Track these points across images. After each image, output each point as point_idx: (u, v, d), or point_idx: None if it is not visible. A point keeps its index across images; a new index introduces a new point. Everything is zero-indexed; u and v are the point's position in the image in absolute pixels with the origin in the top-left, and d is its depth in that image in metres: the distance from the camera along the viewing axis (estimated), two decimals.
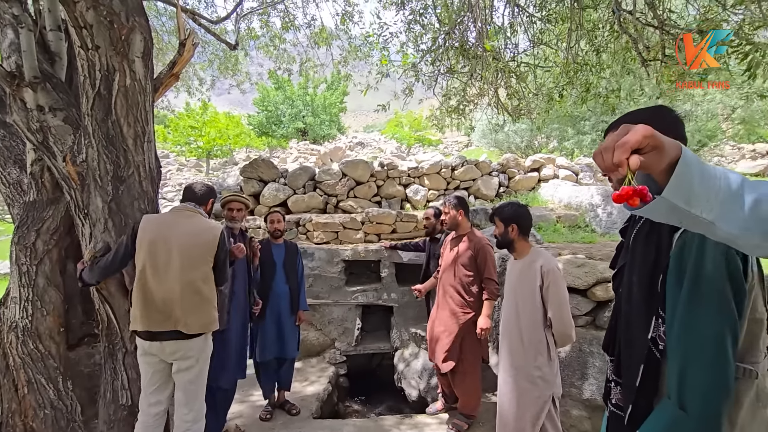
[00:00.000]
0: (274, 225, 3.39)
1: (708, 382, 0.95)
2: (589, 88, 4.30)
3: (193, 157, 23.51)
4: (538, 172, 8.15)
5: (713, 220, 0.67)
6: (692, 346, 0.98)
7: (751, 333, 1.02)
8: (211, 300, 2.23)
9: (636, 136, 0.62)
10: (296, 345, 3.43)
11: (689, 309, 1.00)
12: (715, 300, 0.97)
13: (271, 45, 6.46)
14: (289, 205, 6.88)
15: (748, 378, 1.01)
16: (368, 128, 45.30)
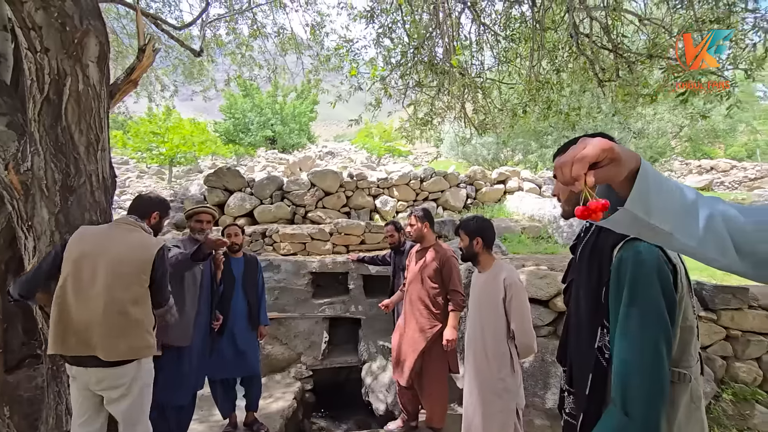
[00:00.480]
0: (232, 239, 3.26)
1: (647, 388, 1.01)
2: (551, 105, 4.49)
3: (155, 164, 22.57)
4: (504, 185, 8.39)
5: (671, 231, 0.69)
6: (631, 353, 1.04)
7: (683, 340, 1.10)
8: (141, 323, 1.99)
9: (593, 149, 0.63)
10: (256, 361, 3.31)
11: (627, 317, 1.06)
12: (650, 310, 1.03)
13: (239, 52, 6.34)
14: (256, 216, 6.73)
15: (682, 382, 1.09)
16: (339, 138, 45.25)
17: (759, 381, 2.99)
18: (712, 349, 3.03)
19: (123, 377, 1.97)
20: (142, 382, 2.04)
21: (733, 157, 24.98)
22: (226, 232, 3.30)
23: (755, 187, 18.10)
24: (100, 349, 1.91)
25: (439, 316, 3.00)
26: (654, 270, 1.05)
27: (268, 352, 4.40)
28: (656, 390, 1.01)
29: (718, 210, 0.71)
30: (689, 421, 1.09)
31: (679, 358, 1.10)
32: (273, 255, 5.56)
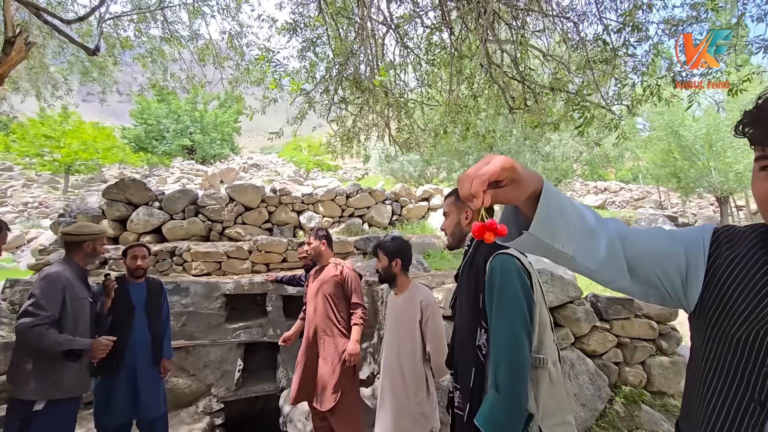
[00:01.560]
0: (137, 262, 2.85)
1: (512, 368, 1.25)
2: (469, 128, 4.73)
3: (47, 171, 19.82)
4: (427, 202, 8.65)
5: (573, 255, 0.70)
6: (500, 342, 1.30)
7: (541, 332, 1.36)
8: None
9: (494, 167, 0.62)
10: (162, 401, 2.92)
11: (497, 316, 1.32)
12: (513, 307, 1.31)
13: (149, 57, 5.81)
14: (165, 232, 6.12)
15: (542, 366, 1.34)
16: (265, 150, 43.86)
17: (644, 383, 3.33)
18: (607, 356, 3.31)
19: None
20: None
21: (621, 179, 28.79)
22: (130, 253, 2.87)
23: (638, 206, 20.95)
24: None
25: (347, 332, 2.94)
26: (515, 276, 1.34)
27: (173, 385, 3.94)
28: (519, 369, 1.26)
29: (616, 232, 0.74)
30: (550, 397, 1.33)
31: (539, 348, 1.35)
32: (183, 276, 5.06)
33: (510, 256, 1.39)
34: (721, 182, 13.82)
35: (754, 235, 0.71)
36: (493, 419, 1.24)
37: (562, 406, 1.37)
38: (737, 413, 0.64)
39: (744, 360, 0.63)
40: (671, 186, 17.39)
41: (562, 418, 1.35)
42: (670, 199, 22.30)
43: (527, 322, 1.31)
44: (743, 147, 12.88)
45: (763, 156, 0.64)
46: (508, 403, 1.24)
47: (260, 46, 4.96)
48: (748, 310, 0.65)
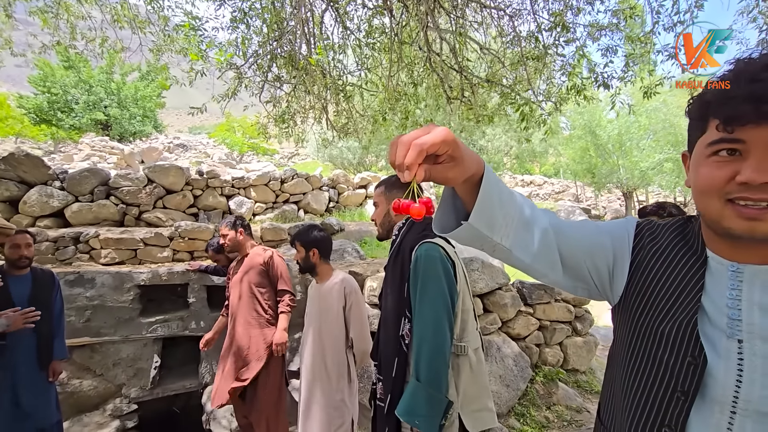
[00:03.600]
0: (21, 251, 2.47)
1: (433, 355, 1.26)
2: (408, 116, 4.70)
3: None
4: (365, 189, 8.58)
5: (510, 247, 0.66)
6: (422, 330, 1.30)
7: (463, 320, 1.38)
8: None
9: (434, 137, 0.52)
10: (53, 408, 2.55)
11: (420, 303, 1.32)
12: (436, 294, 1.31)
13: (50, 12, 4.97)
14: (68, 216, 5.41)
15: (463, 354, 1.35)
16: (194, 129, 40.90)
17: (561, 362, 3.59)
18: (529, 339, 3.52)
19: None
20: None
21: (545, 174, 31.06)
22: (11, 242, 2.45)
23: (559, 198, 22.78)
24: None
25: (275, 322, 2.81)
26: (439, 263, 1.33)
27: (75, 388, 3.50)
28: (440, 357, 1.26)
29: (550, 224, 0.71)
30: (472, 384, 1.36)
31: (462, 335, 1.37)
32: (89, 265, 4.50)
33: (434, 244, 1.39)
34: (627, 179, 15.43)
35: (674, 228, 0.73)
36: (414, 408, 1.24)
37: (483, 393, 1.39)
38: (662, 403, 0.64)
39: (668, 352, 0.64)
40: (586, 181, 19.11)
41: (483, 404, 1.38)
42: (585, 193, 24.52)
43: (449, 311, 1.32)
44: (647, 148, 14.49)
45: (723, 139, 0.59)
46: (428, 392, 1.24)
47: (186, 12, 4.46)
48: (671, 302, 0.65)
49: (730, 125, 0.57)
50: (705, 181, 0.62)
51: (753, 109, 0.55)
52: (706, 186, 0.62)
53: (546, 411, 3.12)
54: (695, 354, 0.61)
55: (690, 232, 0.70)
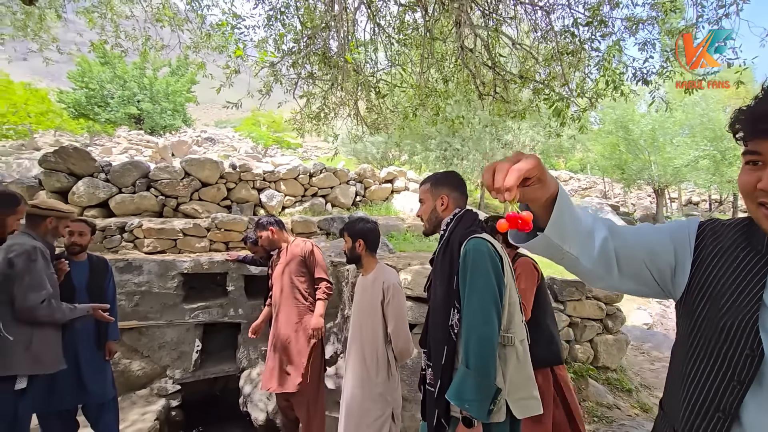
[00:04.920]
0: (73, 238, 2.65)
1: (482, 344, 1.33)
2: (439, 112, 4.73)
3: None
4: (391, 184, 8.66)
5: (578, 255, 0.74)
6: (471, 320, 1.36)
7: (510, 313, 1.44)
8: None
9: (529, 164, 0.64)
10: (109, 385, 2.76)
11: (469, 295, 1.39)
12: (485, 286, 1.38)
13: (96, 11, 5.24)
14: (112, 207, 5.71)
15: (511, 344, 1.42)
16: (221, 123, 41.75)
17: (591, 359, 3.60)
18: (560, 335, 3.53)
19: None
20: None
21: (570, 169, 30.33)
22: (68, 229, 2.66)
23: (586, 195, 22.25)
24: None
25: (314, 309, 2.95)
26: (487, 257, 1.41)
27: (124, 368, 3.75)
28: (489, 346, 1.33)
29: (608, 229, 0.79)
30: (518, 374, 1.42)
31: (507, 327, 1.43)
32: (134, 253, 4.77)
33: (482, 239, 1.47)
34: (659, 175, 14.94)
35: (737, 228, 0.78)
36: (464, 393, 1.31)
37: (528, 382, 1.46)
38: (718, 390, 0.70)
39: (727, 344, 0.69)
40: (615, 177, 18.59)
41: (528, 392, 1.44)
42: (613, 190, 23.86)
43: (497, 302, 1.39)
44: (682, 144, 13.98)
45: (747, 151, 0.68)
46: (477, 378, 1.30)
47: (224, 10, 4.61)
48: (732, 298, 0.71)
49: (747, 139, 0.68)
50: (741, 186, 0.70)
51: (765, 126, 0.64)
52: (742, 190, 0.70)
53: None
54: (753, 347, 0.66)
55: (755, 230, 0.75)
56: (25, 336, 2.09)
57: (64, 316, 2.22)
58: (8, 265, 2.10)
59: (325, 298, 2.92)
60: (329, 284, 2.96)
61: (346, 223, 2.48)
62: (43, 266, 2.18)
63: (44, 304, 2.11)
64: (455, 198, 1.67)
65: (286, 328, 2.91)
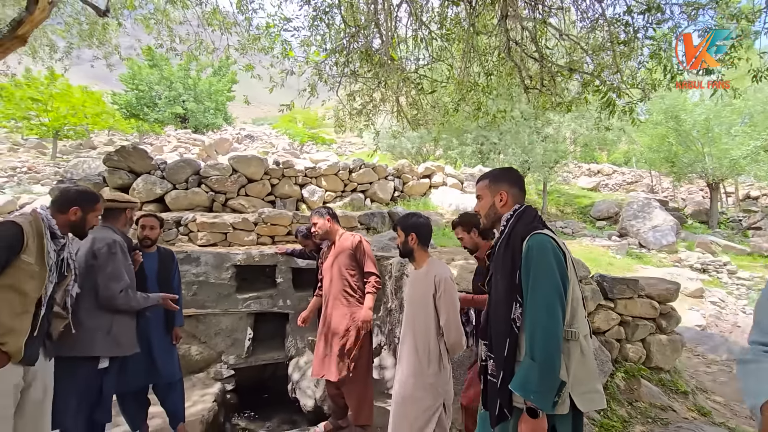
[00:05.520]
0: (145, 232, 2.88)
1: (547, 337, 1.36)
2: (480, 107, 4.70)
3: (34, 135, 19.21)
4: (429, 179, 8.67)
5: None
6: (535, 314, 1.40)
7: (573, 308, 1.46)
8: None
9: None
10: (176, 367, 2.99)
11: (533, 290, 1.42)
12: (548, 281, 1.41)
13: (152, 18, 5.58)
14: (168, 202, 6.09)
15: (573, 339, 1.44)
16: (258, 121, 42.92)
17: (643, 359, 3.50)
18: (609, 333, 3.46)
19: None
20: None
21: (613, 162, 28.97)
22: (140, 223, 2.90)
23: (631, 189, 21.22)
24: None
25: (362, 301, 3.03)
26: (551, 253, 1.44)
27: (184, 352, 4.01)
28: (554, 339, 1.36)
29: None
30: (581, 368, 1.44)
31: (572, 321, 1.45)
32: (189, 246, 5.07)
33: (546, 235, 1.49)
34: (714, 168, 14.02)
35: None
36: (529, 385, 1.35)
37: (592, 376, 1.47)
38: None
39: None
40: (664, 170, 17.59)
41: (592, 386, 1.46)
42: (661, 184, 22.60)
43: (562, 296, 1.41)
44: (741, 134, 13.04)
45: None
46: (542, 370, 1.33)
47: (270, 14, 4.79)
48: None
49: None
50: None
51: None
52: None
53: (628, 406, 3.08)
54: None
55: None
56: (106, 321, 2.31)
57: (138, 304, 2.43)
58: (92, 257, 2.32)
59: (374, 292, 3.00)
60: (378, 279, 3.03)
61: (399, 218, 2.54)
62: (121, 258, 2.39)
63: (122, 293, 2.32)
64: (514, 194, 1.69)
65: (335, 319, 3.03)
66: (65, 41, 6.01)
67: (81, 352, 2.20)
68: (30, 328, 1.76)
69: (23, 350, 1.72)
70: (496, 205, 1.71)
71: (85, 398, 2.23)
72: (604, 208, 14.29)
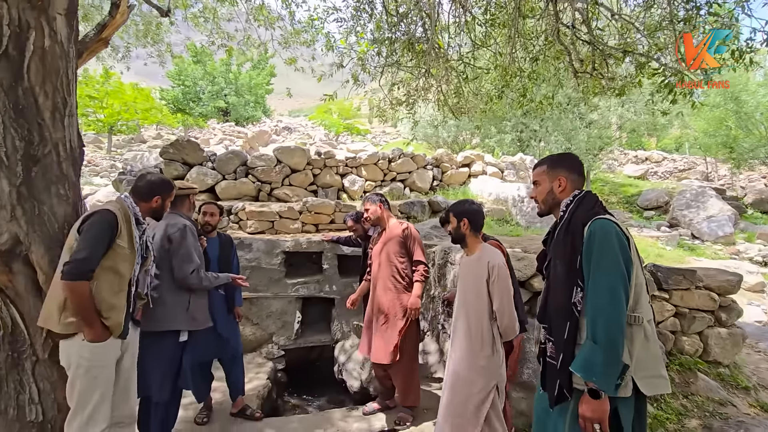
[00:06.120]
0: (207, 218, 3.12)
1: (607, 321, 1.37)
2: (525, 93, 4.60)
3: (92, 131, 20.63)
4: (468, 168, 8.58)
5: None
6: (598, 299, 1.41)
7: (636, 292, 1.47)
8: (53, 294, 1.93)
9: None
10: (239, 342, 3.25)
11: (595, 274, 1.43)
12: (612, 265, 1.41)
13: (202, 16, 5.85)
14: (218, 192, 6.41)
15: (638, 324, 1.45)
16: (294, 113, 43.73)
17: (700, 352, 3.38)
18: (663, 325, 3.36)
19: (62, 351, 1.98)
20: (76, 361, 1.93)
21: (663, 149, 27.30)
22: (202, 210, 3.14)
23: (683, 177, 19.97)
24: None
25: (409, 288, 3.11)
26: (614, 236, 1.45)
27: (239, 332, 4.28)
28: (617, 323, 1.37)
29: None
30: (645, 352, 1.44)
31: (635, 306, 1.46)
32: (240, 233, 5.34)
33: (609, 220, 1.49)
34: None
35: None
36: (591, 367, 1.36)
37: (656, 361, 1.47)
38: None
39: None
40: (721, 156, 16.44)
41: (656, 371, 1.45)
42: (718, 171, 21.11)
43: (625, 280, 1.41)
44: None
45: None
46: (605, 353, 1.35)
47: (315, 6, 4.89)
48: None
49: None
50: None
51: None
52: None
53: (683, 399, 3.00)
54: None
55: None
56: (184, 299, 2.53)
57: (210, 283, 2.63)
58: (167, 241, 2.54)
59: (423, 281, 3.06)
60: (427, 268, 3.10)
61: (451, 204, 2.59)
62: (192, 241, 2.59)
63: (194, 273, 2.53)
64: (573, 180, 1.69)
65: (383, 304, 3.13)
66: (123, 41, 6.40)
67: (165, 327, 2.43)
68: (126, 305, 1.97)
69: (122, 325, 1.94)
70: (555, 190, 1.71)
71: (170, 368, 2.47)
72: (653, 197, 13.56)
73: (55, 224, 2.12)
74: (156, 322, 2.40)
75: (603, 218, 1.49)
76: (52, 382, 2.26)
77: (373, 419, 3.20)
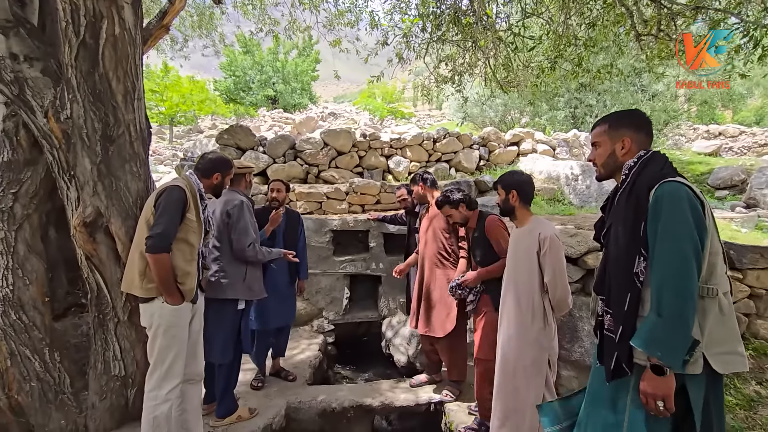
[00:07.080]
0: (273, 194, 3.33)
1: (674, 294, 1.25)
2: (581, 63, 4.33)
3: (155, 123, 22.15)
4: (517, 146, 8.27)
5: None
6: (664, 270, 1.28)
7: (711, 263, 1.32)
8: (133, 262, 2.14)
9: None
10: (293, 313, 3.44)
11: (662, 243, 1.30)
12: (682, 230, 1.28)
13: (250, 3, 6.03)
14: (269, 174, 6.67)
15: (711, 296, 1.30)
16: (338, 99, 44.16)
17: None
18: (736, 307, 3.07)
19: (144, 313, 2.17)
20: (159, 322, 2.13)
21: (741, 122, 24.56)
22: (270, 187, 3.39)
23: (764, 153, 17.94)
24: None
25: (456, 264, 3.13)
26: (685, 200, 1.30)
27: None
28: (686, 294, 1.23)
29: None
30: (720, 327, 1.30)
31: (709, 277, 1.31)
32: None
33: (679, 183, 1.34)
34: None
35: None
36: (655, 342, 1.25)
37: (732, 337, 1.32)
38: None
39: None
40: None
41: (732, 347, 1.31)
42: None
43: (698, 249, 1.26)
44: None
45: None
46: (672, 328, 1.23)
47: None
48: None
49: None
50: None
51: None
52: None
53: (756, 386, 2.78)
54: None
55: None
56: (241, 270, 2.70)
57: (264, 257, 2.79)
58: (227, 216, 2.71)
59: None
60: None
61: (499, 177, 2.53)
62: (248, 217, 2.75)
63: (250, 247, 2.69)
64: (639, 140, 1.52)
65: (429, 279, 3.16)
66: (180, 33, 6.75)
67: (226, 296, 2.63)
68: (196, 272, 2.16)
69: (194, 290, 2.13)
70: (617, 152, 1.55)
71: (231, 333, 2.67)
72: (727, 175, 12.29)
73: (130, 198, 2.34)
74: (218, 290, 2.59)
75: (673, 181, 1.34)
76: (131, 341, 2.54)
77: (420, 391, 3.27)
